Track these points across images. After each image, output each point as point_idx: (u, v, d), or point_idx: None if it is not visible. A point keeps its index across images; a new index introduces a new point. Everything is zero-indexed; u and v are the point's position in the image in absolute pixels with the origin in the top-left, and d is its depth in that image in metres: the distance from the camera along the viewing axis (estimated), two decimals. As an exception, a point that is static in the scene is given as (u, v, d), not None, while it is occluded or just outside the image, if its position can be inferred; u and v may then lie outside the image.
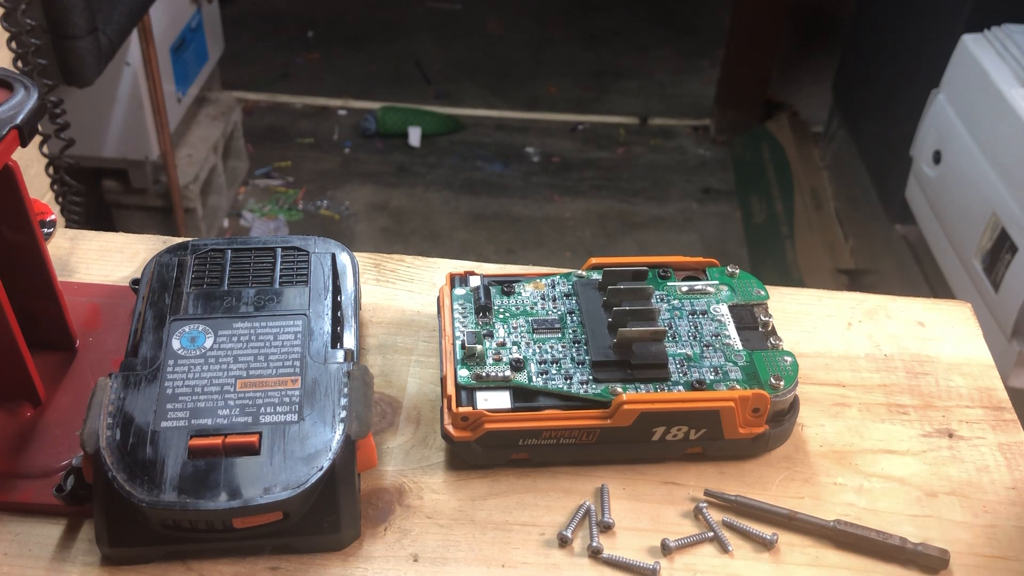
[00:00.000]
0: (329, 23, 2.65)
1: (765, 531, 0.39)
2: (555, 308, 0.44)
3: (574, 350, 0.42)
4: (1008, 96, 1.07)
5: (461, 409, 0.39)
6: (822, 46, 2.21)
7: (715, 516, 0.39)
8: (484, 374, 0.40)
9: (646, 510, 0.40)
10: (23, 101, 0.39)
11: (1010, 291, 1.09)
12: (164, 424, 0.36)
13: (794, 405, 0.42)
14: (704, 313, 0.44)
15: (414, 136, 2.24)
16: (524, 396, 0.40)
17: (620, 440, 0.40)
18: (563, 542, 0.38)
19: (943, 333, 0.49)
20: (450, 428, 0.40)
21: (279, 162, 2.16)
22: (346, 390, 0.38)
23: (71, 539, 0.38)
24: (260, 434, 0.36)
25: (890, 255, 1.51)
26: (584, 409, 0.40)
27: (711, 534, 0.39)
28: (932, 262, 1.34)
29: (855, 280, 1.63)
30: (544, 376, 0.41)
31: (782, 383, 0.40)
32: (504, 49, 2.61)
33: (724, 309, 0.44)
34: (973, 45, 1.18)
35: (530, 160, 2.22)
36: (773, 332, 0.43)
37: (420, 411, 0.44)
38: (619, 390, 0.40)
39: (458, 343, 0.42)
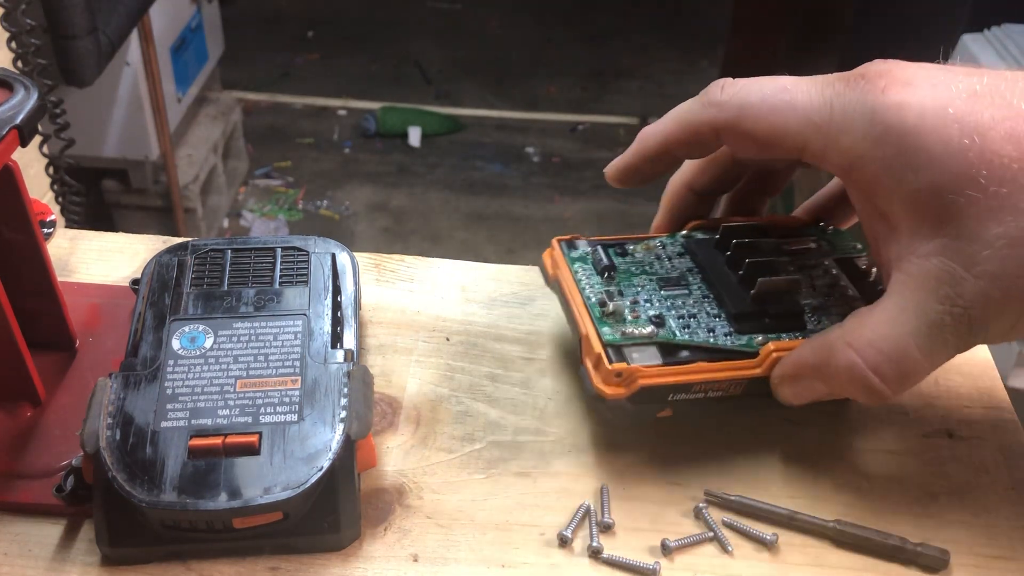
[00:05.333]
0: (329, 23, 2.65)
1: (765, 531, 0.39)
2: (673, 267, 0.44)
3: (706, 305, 0.42)
4: (1008, 96, 1.07)
5: (615, 366, 0.39)
6: (822, 46, 2.21)
7: (715, 516, 0.39)
8: (627, 331, 0.40)
9: (646, 510, 0.40)
10: (23, 101, 0.39)
11: (1010, 291, 1.09)
12: (164, 424, 0.36)
13: None
14: (815, 267, 0.44)
15: (414, 136, 2.24)
16: (668, 351, 0.40)
17: (766, 391, 0.40)
18: (563, 542, 0.38)
19: (943, 333, 0.49)
20: (602, 386, 0.39)
21: (279, 162, 2.17)
22: (346, 390, 0.38)
23: (71, 539, 0.38)
24: (260, 434, 0.36)
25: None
26: (732, 360, 0.40)
27: (711, 534, 0.39)
28: (932, 262, 1.33)
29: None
30: (687, 330, 0.41)
31: None
32: (504, 49, 2.61)
33: (831, 262, 0.45)
34: (973, 45, 1.18)
35: (530, 160, 2.22)
36: (879, 281, 0.43)
37: (420, 411, 0.44)
38: (763, 340, 0.40)
39: (592, 303, 0.41)
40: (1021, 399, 0.48)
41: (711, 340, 0.40)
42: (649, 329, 0.40)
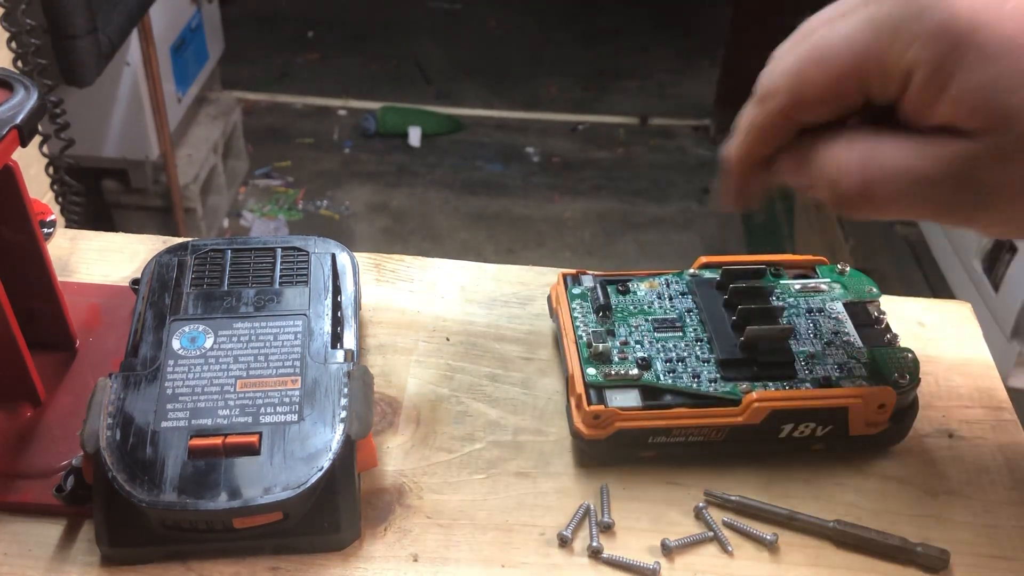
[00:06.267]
0: (329, 23, 2.65)
1: (765, 531, 0.39)
2: (672, 307, 0.44)
3: (697, 348, 0.42)
4: (1008, 96, 1.07)
5: (592, 408, 0.39)
6: (822, 46, 2.20)
7: (715, 516, 0.39)
8: (612, 372, 0.40)
9: (646, 510, 0.40)
10: (23, 101, 0.39)
11: (1010, 291, 1.09)
12: (164, 424, 0.36)
13: (914, 404, 0.42)
14: (820, 311, 0.44)
15: (414, 136, 2.24)
16: (650, 394, 0.40)
17: (748, 438, 0.40)
18: (563, 542, 0.38)
19: (943, 333, 0.49)
20: (581, 427, 0.40)
21: (279, 162, 2.17)
22: (346, 390, 0.38)
23: (71, 539, 0.38)
24: (260, 434, 0.36)
25: (890, 255, 1.51)
26: (714, 407, 0.40)
27: (711, 534, 0.39)
28: (932, 262, 1.34)
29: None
30: (672, 375, 0.41)
31: (907, 379, 0.41)
32: (504, 49, 2.61)
33: (839, 307, 0.44)
34: (973, 45, 1.18)
35: (530, 160, 2.22)
36: (888, 329, 0.43)
37: (420, 411, 0.44)
38: (748, 388, 0.40)
39: (582, 342, 0.42)
40: (1021, 399, 0.49)
41: (694, 386, 0.40)
42: (634, 371, 0.41)
